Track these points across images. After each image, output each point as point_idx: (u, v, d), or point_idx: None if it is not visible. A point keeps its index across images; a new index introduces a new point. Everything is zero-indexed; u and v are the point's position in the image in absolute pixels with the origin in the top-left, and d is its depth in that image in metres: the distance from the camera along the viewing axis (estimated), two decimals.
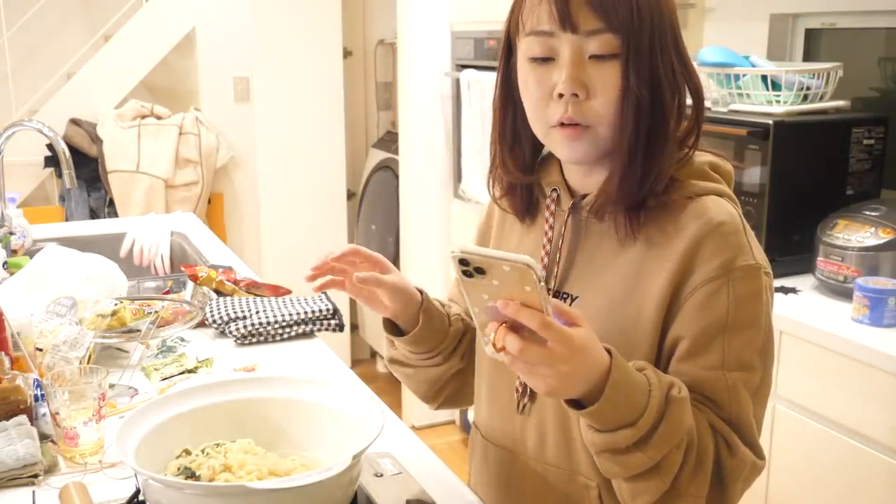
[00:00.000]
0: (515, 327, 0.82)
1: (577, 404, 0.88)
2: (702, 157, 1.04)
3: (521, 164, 1.09)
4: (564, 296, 1.04)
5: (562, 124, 0.97)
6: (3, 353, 1.38)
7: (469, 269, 0.81)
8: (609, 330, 0.97)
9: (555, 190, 1.08)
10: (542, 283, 0.80)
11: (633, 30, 0.93)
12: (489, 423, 1.15)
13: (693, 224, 0.97)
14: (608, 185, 1.00)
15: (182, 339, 1.72)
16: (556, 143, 1.00)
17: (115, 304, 1.65)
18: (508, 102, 1.06)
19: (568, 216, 1.06)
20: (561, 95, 0.96)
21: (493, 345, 0.83)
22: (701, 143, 1.04)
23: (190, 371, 1.57)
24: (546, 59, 0.97)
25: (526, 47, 0.99)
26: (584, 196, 1.05)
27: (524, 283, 0.79)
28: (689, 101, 1.03)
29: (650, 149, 0.97)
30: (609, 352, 0.87)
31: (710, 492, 0.92)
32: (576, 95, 0.95)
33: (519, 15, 0.99)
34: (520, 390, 1.08)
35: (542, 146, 1.09)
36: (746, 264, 0.96)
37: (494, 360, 1.03)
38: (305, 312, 1.77)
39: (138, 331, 1.62)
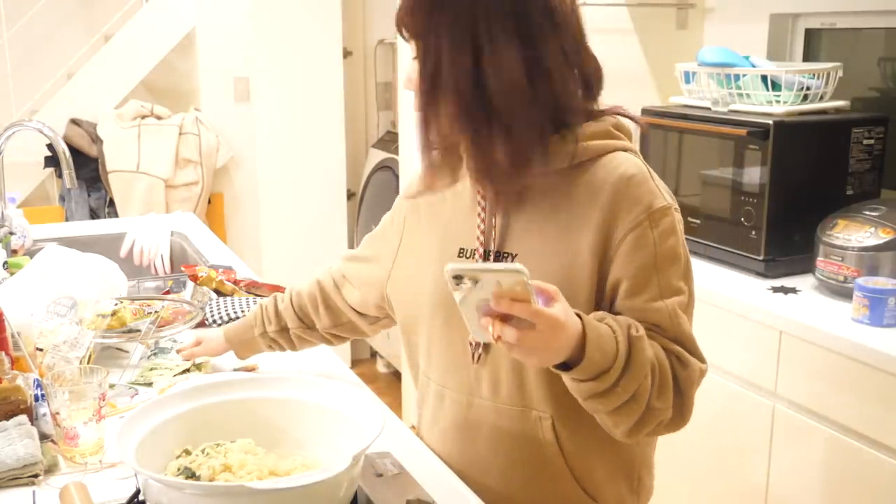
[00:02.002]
0: (505, 317, 0.96)
1: (561, 366, 1.03)
2: (607, 120, 1.18)
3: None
4: (505, 255, 1.18)
5: None
6: (3, 353, 1.38)
7: (463, 281, 0.95)
8: (548, 280, 1.07)
9: None
10: (530, 282, 0.94)
11: (428, 36, 1.10)
12: (443, 373, 1.26)
13: (609, 180, 1.13)
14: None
15: (174, 341, 1.71)
16: None
17: (115, 304, 1.65)
18: None
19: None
20: None
21: (493, 336, 0.97)
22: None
23: (184, 372, 1.57)
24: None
25: None
26: None
27: (514, 284, 0.93)
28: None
29: (485, 131, 1.10)
30: (579, 315, 1.02)
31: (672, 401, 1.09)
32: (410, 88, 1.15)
33: None
34: (473, 344, 1.21)
35: None
36: (661, 206, 1.12)
37: (446, 320, 1.23)
38: None
39: (138, 331, 1.62)
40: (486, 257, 1.19)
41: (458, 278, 0.94)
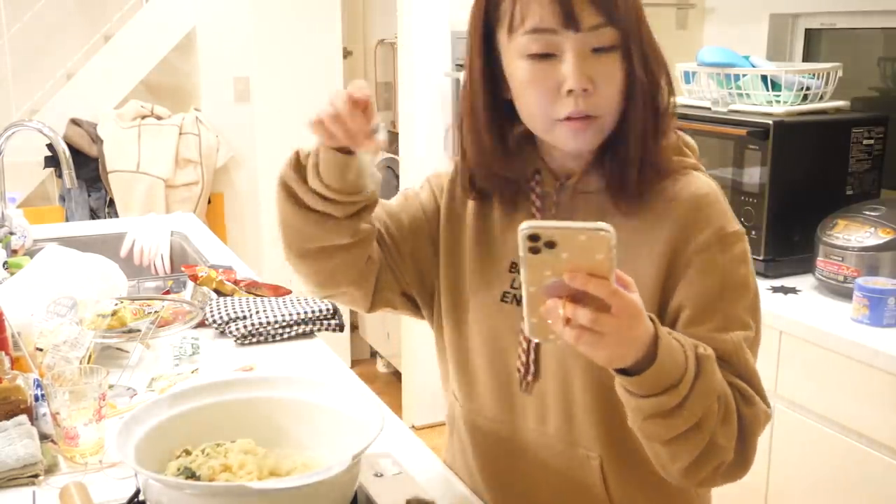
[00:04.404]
0: (576, 300, 0.82)
1: (623, 372, 0.90)
2: (675, 135, 1.09)
3: (505, 157, 1.09)
4: None
5: (569, 118, 0.99)
6: (3, 353, 1.38)
7: (538, 244, 0.80)
8: None
9: (538, 172, 1.10)
10: (615, 251, 0.80)
11: (629, 21, 0.98)
12: (484, 400, 1.15)
13: (679, 197, 1.03)
14: (626, 173, 1.02)
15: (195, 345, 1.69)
16: (561, 135, 1.01)
17: (115, 304, 1.65)
18: (492, 98, 1.06)
19: (555, 196, 1.09)
20: (570, 91, 0.97)
21: (563, 319, 0.82)
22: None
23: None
24: (546, 55, 0.98)
25: (523, 45, 0.99)
26: (570, 177, 1.08)
27: (596, 251, 0.79)
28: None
29: (654, 133, 1.02)
30: (650, 318, 0.89)
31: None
32: (586, 90, 0.97)
33: (511, 11, 0.99)
34: (522, 370, 1.10)
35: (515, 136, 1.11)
36: (734, 230, 1.03)
37: (490, 340, 1.11)
38: (305, 312, 1.77)
39: (138, 331, 1.61)
40: None
41: (533, 239, 0.80)
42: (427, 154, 3.48)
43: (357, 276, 1.13)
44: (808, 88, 2.23)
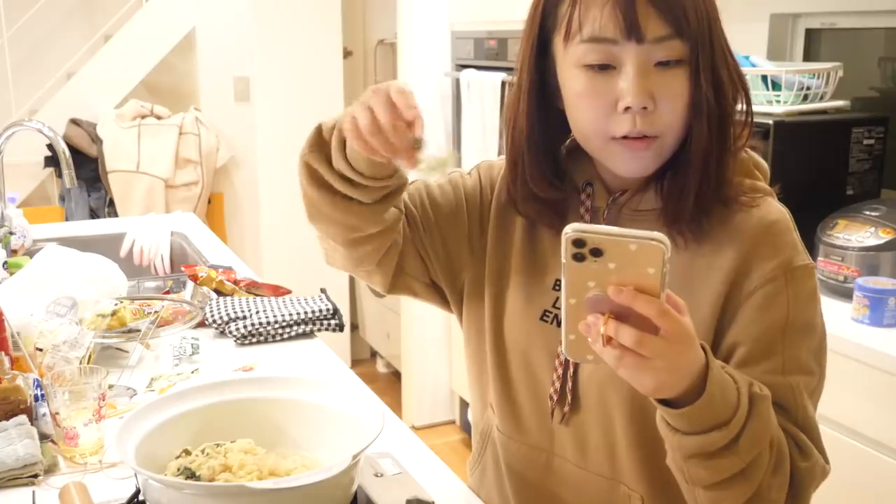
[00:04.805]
0: (619, 317, 0.75)
1: (667, 404, 0.82)
2: (745, 154, 1.01)
3: (552, 174, 1.01)
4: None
5: (625, 137, 0.92)
6: (3, 353, 1.38)
7: (583, 251, 0.73)
8: None
9: (590, 185, 1.03)
10: (668, 266, 0.73)
11: (700, 34, 0.89)
12: (521, 423, 1.08)
13: (746, 224, 0.95)
14: (682, 199, 0.94)
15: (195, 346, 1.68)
16: (616, 155, 0.94)
17: (115, 304, 1.65)
18: (541, 109, 0.99)
19: (605, 213, 1.01)
20: (627, 108, 0.90)
21: (603, 337, 0.75)
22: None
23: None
24: (604, 67, 0.91)
25: (580, 54, 0.91)
26: (623, 192, 1.01)
27: (647, 264, 0.72)
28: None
29: (720, 154, 0.93)
30: (702, 347, 0.81)
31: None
32: (645, 108, 0.89)
33: (569, 16, 0.91)
34: (555, 398, 1.03)
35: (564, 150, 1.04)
36: (803, 264, 0.94)
37: (525, 361, 1.05)
38: (305, 312, 1.77)
39: (138, 331, 1.61)
40: None
41: (578, 244, 0.72)
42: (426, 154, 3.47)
43: (380, 260, 1.06)
44: (808, 88, 2.22)
